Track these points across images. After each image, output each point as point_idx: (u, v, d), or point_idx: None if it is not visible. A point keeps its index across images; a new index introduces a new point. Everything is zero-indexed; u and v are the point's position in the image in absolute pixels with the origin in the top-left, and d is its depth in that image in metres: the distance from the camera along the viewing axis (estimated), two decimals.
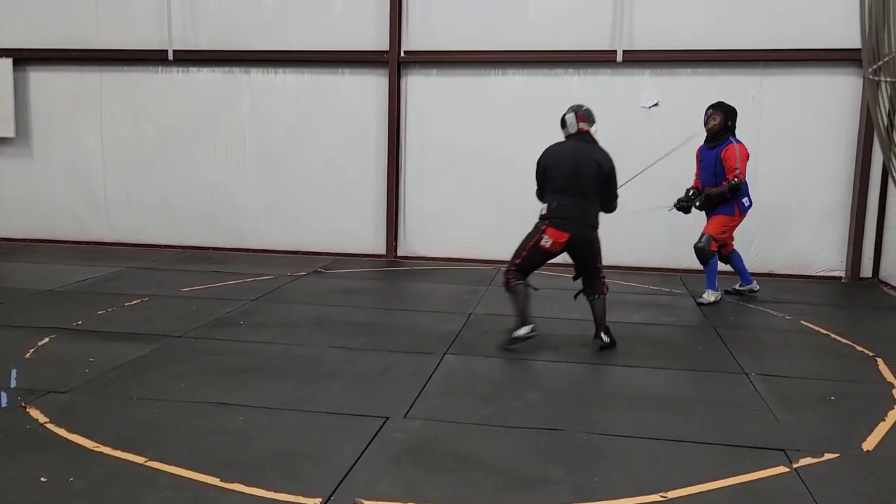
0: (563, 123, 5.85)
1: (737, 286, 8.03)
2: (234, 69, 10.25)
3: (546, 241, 5.63)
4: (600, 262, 5.79)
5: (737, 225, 7.64)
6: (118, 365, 5.13)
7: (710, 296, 7.54)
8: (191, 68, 10.35)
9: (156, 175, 10.56)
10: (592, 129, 5.77)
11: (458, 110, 9.81)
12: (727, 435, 4.11)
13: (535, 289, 5.82)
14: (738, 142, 7.34)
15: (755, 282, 8.03)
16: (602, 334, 5.74)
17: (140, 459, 3.61)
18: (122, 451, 3.71)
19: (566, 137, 5.83)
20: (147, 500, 3.22)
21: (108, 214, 10.78)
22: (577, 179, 5.57)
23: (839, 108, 9.01)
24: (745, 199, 7.47)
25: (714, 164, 7.39)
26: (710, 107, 7.46)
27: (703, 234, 7.45)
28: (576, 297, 5.93)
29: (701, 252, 7.41)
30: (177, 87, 10.41)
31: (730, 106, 7.42)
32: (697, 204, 7.53)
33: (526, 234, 5.85)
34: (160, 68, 10.40)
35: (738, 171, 7.19)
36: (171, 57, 10.22)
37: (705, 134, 7.55)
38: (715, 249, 7.43)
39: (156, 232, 10.66)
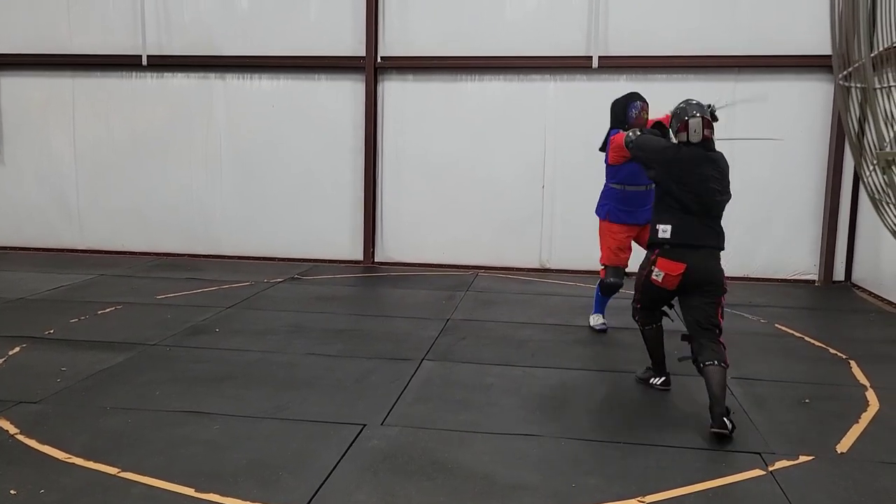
0: (684, 127, 4.54)
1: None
2: (209, 75, 10.17)
3: (658, 275, 4.51)
4: (718, 310, 4.45)
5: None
6: (91, 374, 5.05)
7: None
8: (165, 74, 10.26)
9: (129, 182, 10.43)
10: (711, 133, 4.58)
11: (434, 116, 9.81)
12: (703, 439, 4.13)
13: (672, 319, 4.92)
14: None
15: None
16: (723, 418, 4.11)
17: (113, 470, 3.56)
18: (95, 461, 3.65)
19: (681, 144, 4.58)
20: None
21: (80, 221, 10.63)
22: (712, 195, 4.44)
23: (811, 114, 9.13)
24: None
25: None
26: (640, 97, 6.17)
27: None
28: (680, 359, 4.64)
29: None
30: (151, 93, 10.31)
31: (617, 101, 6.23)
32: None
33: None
34: (134, 74, 10.29)
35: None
36: (145, 62, 10.12)
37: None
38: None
39: (129, 239, 10.53)
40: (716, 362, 4.27)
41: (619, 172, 6.07)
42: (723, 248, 4.51)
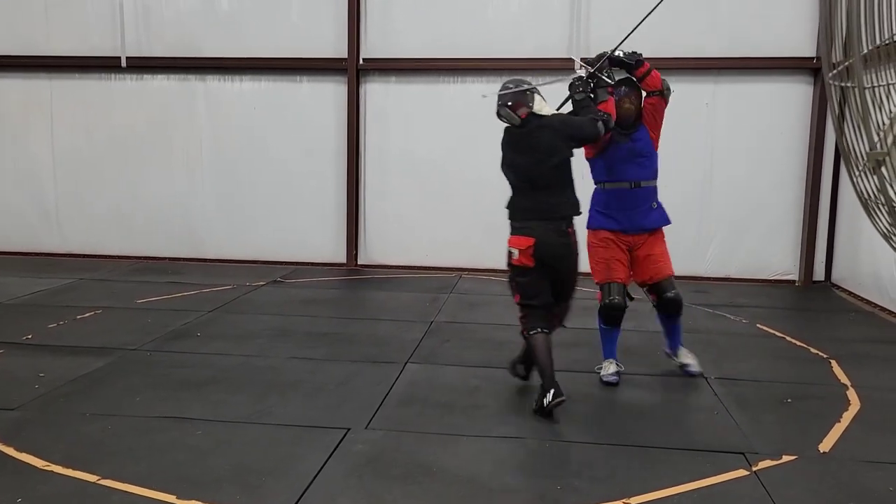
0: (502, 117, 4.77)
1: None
2: (189, 76, 10.09)
3: (513, 253, 4.58)
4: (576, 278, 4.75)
5: None
6: (70, 380, 4.98)
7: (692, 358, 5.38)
8: (145, 75, 10.16)
9: (109, 184, 10.33)
10: (537, 108, 4.70)
11: (417, 118, 9.79)
12: (688, 439, 4.15)
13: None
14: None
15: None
16: (519, 364, 4.88)
17: (92, 478, 3.51)
18: (74, 469, 3.59)
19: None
20: None
21: (59, 225, 10.50)
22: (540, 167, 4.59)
23: (790, 115, 9.20)
24: None
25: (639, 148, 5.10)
26: (621, 83, 5.27)
27: (668, 278, 5.20)
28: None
29: (680, 300, 5.23)
30: (131, 95, 10.21)
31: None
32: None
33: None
34: (113, 75, 10.19)
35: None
36: (124, 64, 10.02)
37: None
38: None
39: (110, 242, 10.41)
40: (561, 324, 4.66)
41: (594, 167, 5.20)
42: (568, 215, 4.60)
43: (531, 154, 4.60)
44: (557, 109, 4.99)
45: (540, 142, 4.59)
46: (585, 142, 4.77)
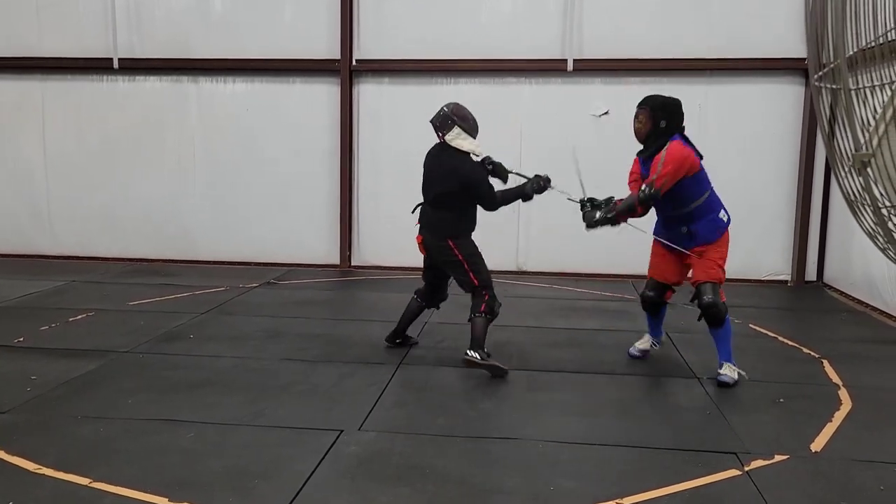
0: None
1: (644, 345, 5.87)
2: (181, 78, 10.07)
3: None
4: (468, 276, 5.33)
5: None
6: (62, 382, 4.96)
7: (732, 372, 5.16)
8: (137, 77, 10.13)
9: (102, 186, 10.29)
10: (449, 138, 5.37)
11: (411, 118, 9.76)
12: (680, 439, 4.16)
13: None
14: (678, 139, 5.16)
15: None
16: (474, 351, 5.20)
17: (84, 481, 3.49)
18: (66, 472, 3.58)
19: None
20: None
21: (52, 227, 10.47)
22: (429, 186, 5.46)
23: (782, 116, 9.24)
24: (721, 214, 5.38)
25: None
26: (639, 103, 5.40)
27: (703, 284, 5.13)
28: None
29: (714, 309, 5.09)
30: (123, 96, 10.18)
31: (662, 99, 5.32)
32: (590, 211, 5.41)
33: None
34: (105, 77, 10.16)
35: (654, 178, 4.98)
36: (116, 65, 9.99)
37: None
38: (725, 300, 5.17)
39: (102, 244, 10.38)
40: (475, 315, 5.29)
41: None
42: (438, 234, 5.37)
43: (428, 173, 5.50)
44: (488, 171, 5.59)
45: (437, 167, 5.42)
46: (478, 201, 5.43)
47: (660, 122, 5.20)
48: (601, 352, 6.01)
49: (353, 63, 9.71)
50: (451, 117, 5.39)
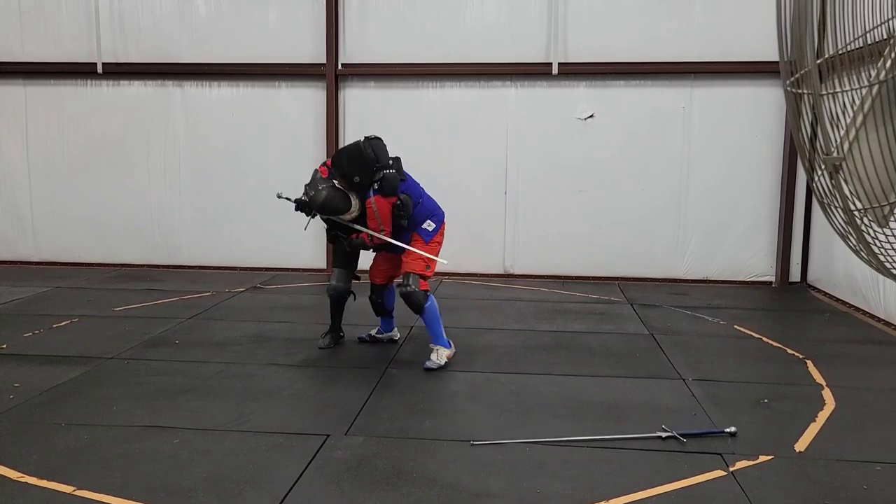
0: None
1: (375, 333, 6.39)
2: (166, 82, 10.02)
3: None
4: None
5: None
6: (46, 389, 4.92)
7: (439, 357, 5.58)
8: (121, 82, 10.08)
9: (85, 192, 10.22)
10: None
11: (396, 123, 9.77)
12: (666, 441, 4.17)
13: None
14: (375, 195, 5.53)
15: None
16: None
17: (68, 489, 3.47)
18: (49, 480, 3.55)
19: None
20: None
21: (34, 233, 10.38)
22: None
23: (765, 119, 9.30)
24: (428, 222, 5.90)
25: None
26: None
27: (408, 275, 5.66)
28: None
29: (414, 297, 5.60)
30: (107, 101, 10.12)
31: (346, 155, 5.62)
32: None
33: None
34: (89, 82, 10.10)
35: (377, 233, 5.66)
36: (100, 70, 9.93)
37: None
38: (427, 289, 5.69)
39: (86, 250, 10.30)
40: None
41: None
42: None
43: None
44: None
45: None
46: None
47: (353, 179, 5.52)
48: (587, 354, 6.02)
49: (339, 67, 9.70)
50: (345, 159, 5.60)
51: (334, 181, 5.59)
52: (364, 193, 5.55)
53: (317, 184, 5.61)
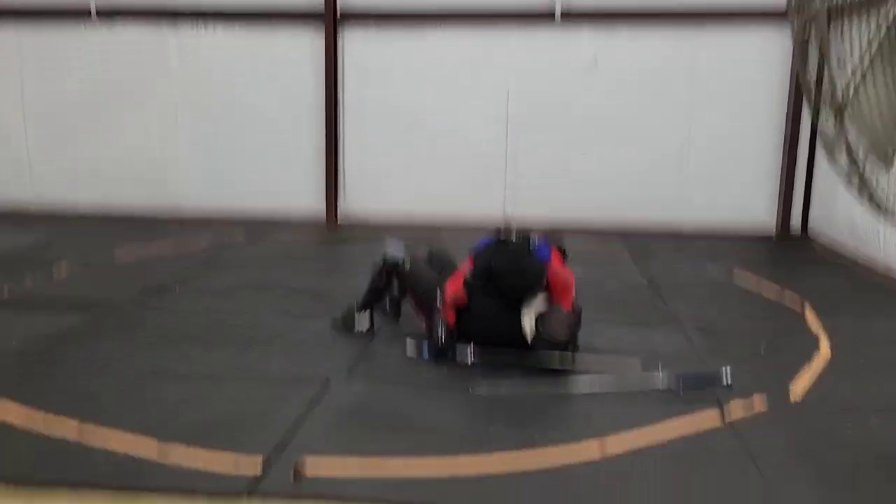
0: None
1: None
2: (161, 26, 9.84)
3: None
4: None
5: None
6: (46, 336, 4.94)
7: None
8: (116, 25, 9.89)
9: (83, 138, 10.13)
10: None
11: (397, 69, 9.66)
12: (663, 394, 4.18)
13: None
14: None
15: None
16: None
17: (72, 423, 3.50)
18: (51, 424, 3.58)
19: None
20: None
21: (32, 180, 10.33)
22: None
23: (770, 67, 9.18)
24: None
25: None
26: None
27: None
28: None
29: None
30: (102, 46, 9.95)
31: None
32: None
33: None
34: (83, 25, 9.91)
35: None
36: (93, 13, 9.75)
37: None
38: None
39: (85, 197, 10.26)
40: None
41: None
42: None
43: None
44: None
45: None
46: None
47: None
48: (587, 302, 6.00)
49: (338, 15, 9.51)
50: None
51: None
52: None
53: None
